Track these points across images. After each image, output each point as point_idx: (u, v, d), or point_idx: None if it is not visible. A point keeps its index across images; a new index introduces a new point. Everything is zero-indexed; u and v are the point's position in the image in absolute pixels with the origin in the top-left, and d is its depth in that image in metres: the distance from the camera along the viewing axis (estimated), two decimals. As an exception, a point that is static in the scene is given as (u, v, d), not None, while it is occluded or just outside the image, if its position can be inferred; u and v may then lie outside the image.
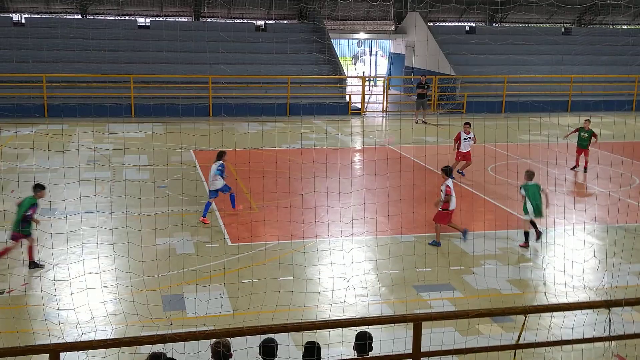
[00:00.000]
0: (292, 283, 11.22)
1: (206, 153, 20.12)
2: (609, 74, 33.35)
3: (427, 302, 10.94)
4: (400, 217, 14.89)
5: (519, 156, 20.74)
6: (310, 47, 32.41)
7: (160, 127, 25.39)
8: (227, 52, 31.18)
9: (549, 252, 13.38)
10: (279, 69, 30.51)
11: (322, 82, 31.25)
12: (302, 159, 20.36)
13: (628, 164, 20.65)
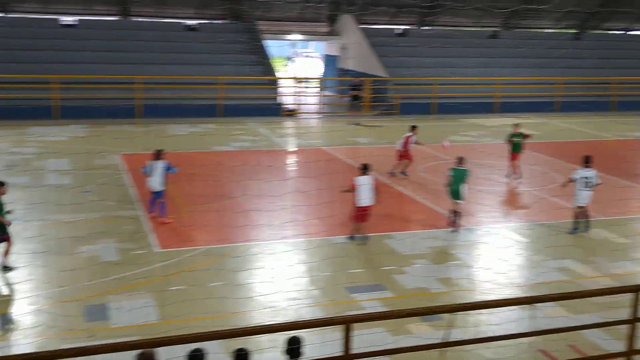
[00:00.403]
0: (222, 289, 11.07)
1: (134, 156, 19.74)
2: (534, 77, 34.37)
3: (358, 304, 10.97)
4: (333, 219, 14.93)
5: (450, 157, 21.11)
6: (243, 48, 32.18)
7: (85, 129, 24.73)
8: (157, 52, 30.63)
9: (476, 250, 13.65)
10: (210, 70, 30.15)
11: (254, 83, 31.06)
12: (234, 161, 20.19)
13: (551, 163, 21.30)
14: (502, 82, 33.04)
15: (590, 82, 34.86)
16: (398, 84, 32.16)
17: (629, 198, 17.35)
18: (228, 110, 28.76)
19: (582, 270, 12.61)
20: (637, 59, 38.32)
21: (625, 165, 20.78)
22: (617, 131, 27.57)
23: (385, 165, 19.09)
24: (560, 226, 15.16)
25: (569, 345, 9.31)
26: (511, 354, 8.92)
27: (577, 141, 25.49)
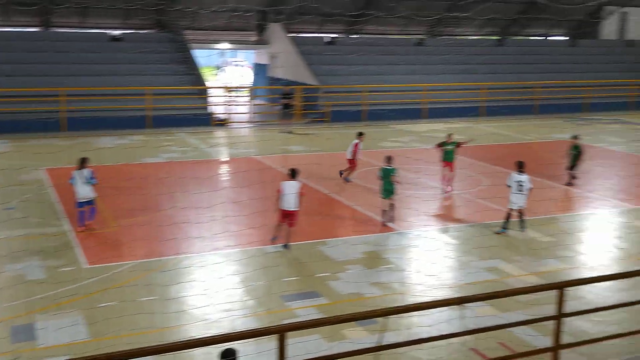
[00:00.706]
0: (153, 304, 10.88)
1: (59, 170, 19.18)
2: (459, 82, 35.27)
3: (293, 312, 10.97)
4: (266, 228, 14.89)
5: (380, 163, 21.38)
6: (170, 58, 31.77)
7: (7, 144, 23.89)
8: (81, 64, 29.90)
9: (407, 254, 13.87)
10: (137, 80, 29.63)
11: (183, 93, 30.71)
12: (163, 172, 19.88)
13: (477, 166, 21.86)
14: (429, 89, 33.76)
15: (512, 87, 36.00)
16: (328, 91, 32.41)
17: (552, 198, 17.99)
18: (157, 121, 28.34)
19: (509, 270, 12.98)
20: (557, 64, 39.84)
21: (547, 167, 21.54)
22: (538, 133, 28.56)
23: (317, 172, 19.19)
24: (488, 227, 15.58)
25: (498, 343, 9.56)
26: (444, 354, 9.10)
27: (501, 144, 26.25)
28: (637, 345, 9.14)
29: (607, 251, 14.28)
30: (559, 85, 37.03)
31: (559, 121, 32.68)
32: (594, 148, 25.41)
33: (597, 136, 28.63)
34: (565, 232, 15.40)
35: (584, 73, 38.82)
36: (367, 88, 32.51)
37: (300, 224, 14.60)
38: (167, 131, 27.35)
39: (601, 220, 16.75)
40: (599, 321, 10.31)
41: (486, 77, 35.88)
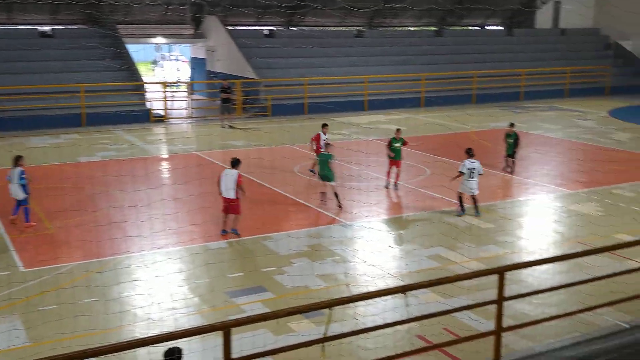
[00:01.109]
0: (94, 305, 10.61)
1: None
2: (398, 74, 35.59)
3: (239, 307, 10.88)
4: (209, 225, 14.73)
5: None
6: (104, 53, 30.99)
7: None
8: (9, 61, 28.87)
9: (352, 245, 13.93)
10: (70, 77, 28.82)
11: (119, 90, 30.04)
12: (101, 171, 19.42)
13: (418, 156, 22.11)
14: (369, 80, 33.97)
15: (451, 77, 36.56)
16: (269, 85, 32.25)
17: (491, 186, 18.35)
18: (92, 119, 27.67)
19: (452, 257, 13.18)
20: (493, 53, 40.63)
21: (485, 155, 21.95)
22: (476, 122, 29.10)
23: (260, 166, 19.06)
24: (430, 216, 15.79)
25: (443, 329, 9.69)
26: (390, 342, 9.17)
27: (441, 134, 26.63)
28: (575, 326, 9.41)
29: (545, 235, 14.66)
30: (495, 74, 37.80)
31: (496, 110, 33.38)
32: (531, 135, 26.05)
33: (534, 123, 29.37)
34: (505, 218, 15.74)
35: (520, 62, 39.75)
36: (308, 81, 32.48)
37: (243, 219, 14.49)
38: (103, 129, 26.74)
39: (539, 205, 17.18)
40: (538, 303, 10.57)
41: (425, 68, 36.32)
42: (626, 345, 7.74)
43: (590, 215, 15.97)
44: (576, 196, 17.78)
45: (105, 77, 29.78)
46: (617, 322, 9.93)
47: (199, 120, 31.16)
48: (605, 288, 9.78)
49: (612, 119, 31.63)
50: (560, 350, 8.25)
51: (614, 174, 19.65)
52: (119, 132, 26.62)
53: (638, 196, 17.70)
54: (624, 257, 12.80)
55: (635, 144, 24.87)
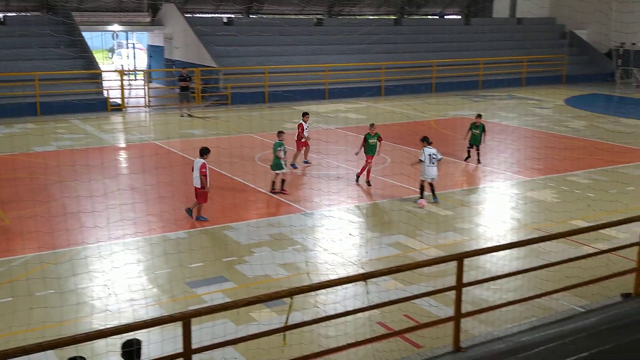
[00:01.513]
0: (51, 297, 10.42)
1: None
2: (359, 62, 35.63)
3: (200, 298, 10.80)
4: (169, 214, 14.58)
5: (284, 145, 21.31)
6: (59, 41, 30.30)
7: None
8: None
9: (314, 234, 13.94)
10: (23, 66, 28.14)
11: (75, 78, 29.43)
12: (57, 161, 19.03)
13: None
14: (330, 69, 33.93)
15: (410, 66, 36.76)
16: (228, 73, 31.97)
17: (451, 173, 18.54)
18: (48, 108, 27.07)
19: (411, 244, 13.29)
20: (452, 42, 40.99)
21: (446, 143, 22.17)
22: (435, 111, 29.34)
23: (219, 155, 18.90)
24: (391, 204, 15.88)
25: (404, 315, 9.78)
26: (351, 329, 9.20)
27: (401, 123, 26.78)
28: (532, 311, 9.58)
29: (503, 222, 14.88)
30: (454, 63, 38.14)
31: (455, 98, 33.70)
32: (489, 123, 26.36)
33: (491, 112, 29.74)
34: (464, 206, 15.93)
35: (478, 51, 40.20)
36: (268, 69, 32.29)
37: (203, 210, 14.39)
38: (58, 118, 26.19)
39: (497, 192, 17.43)
40: (497, 289, 10.73)
41: (384, 57, 36.43)
42: (581, 329, 7.92)
43: (547, 202, 16.27)
44: (533, 183, 18.08)
45: (61, 65, 29.15)
46: (573, 307, 10.15)
47: (157, 109, 30.76)
48: (561, 273, 9.98)
49: (568, 107, 32.23)
50: (518, 334, 8.39)
51: (570, 161, 20.04)
52: (75, 121, 26.12)
53: (593, 183, 18.10)
54: (579, 242, 13.08)
55: (590, 132, 25.39)
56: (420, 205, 15.79)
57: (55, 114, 26.51)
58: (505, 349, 7.81)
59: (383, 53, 36.93)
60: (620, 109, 31.90)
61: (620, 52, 42.81)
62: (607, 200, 14.79)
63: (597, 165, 19.65)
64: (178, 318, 6.57)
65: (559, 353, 6.75)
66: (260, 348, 8.09)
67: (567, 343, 7.05)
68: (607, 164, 19.79)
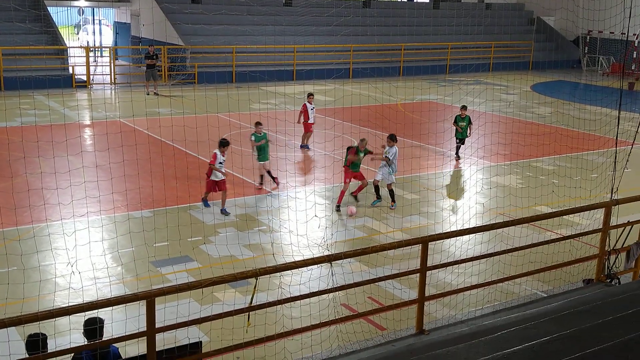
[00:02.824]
0: (13, 274, 10.26)
1: None
2: (327, 44, 35.50)
3: (164, 277, 10.74)
4: (134, 193, 14.41)
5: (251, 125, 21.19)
6: (23, 16, 29.57)
7: None
8: None
9: (280, 215, 13.94)
10: (-13, 39, 27.47)
11: (40, 53, 28.81)
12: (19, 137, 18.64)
13: (345, 127, 22.22)
14: (298, 50, 33.75)
15: (379, 49, 36.76)
16: (195, 52, 31.60)
17: (417, 157, 18.66)
18: (12, 83, 26.50)
19: (377, 227, 13.37)
20: (421, 26, 41.04)
21: (412, 126, 22.29)
22: (403, 95, 29.44)
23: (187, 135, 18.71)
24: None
25: (368, 297, 9.86)
26: (315, 310, 9.25)
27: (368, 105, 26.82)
28: (495, 295, 9.74)
29: (468, 207, 15.05)
30: (422, 47, 38.24)
31: (422, 82, 33.84)
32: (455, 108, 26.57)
33: (458, 96, 29.93)
34: (429, 190, 16.06)
35: (446, 35, 40.34)
36: (236, 49, 31.99)
37: (168, 189, 14.26)
38: (22, 94, 25.63)
39: (462, 177, 17.61)
40: (460, 273, 10.87)
41: (353, 39, 36.36)
42: (542, 313, 8.06)
43: (512, 187, 16.49)
44: (498, 168, 18.31)
45: (26, 40, 28.45)
46: (535, 291, 10.34)
47: (123, 86, 30.30)
48: (524, 258, 10.14)
49: (534, 93, 32.63)
50: (480, 318, 8.53)
51: (535, 147, 20.31)
52: (39, 97, 25.59)
53: (557, 169, 18.39)
54: (543, 228, 13.31)
55: (556, 118, 25.75)
56: (350, 212, 14.28)
57: (19, 90, 25.94)
58: (467, 332, 7.93)
59: (352, 35, 36.85)
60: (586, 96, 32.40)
61: (587, 39, 43.40)
62: (571, 187, 15.05)
63: (562, 152, 19.95)
64: (142, 297, 6.53)
65: (521, 337, 6.87)
66: (224, 328, 8.09)
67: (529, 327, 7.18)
68: (572, 151, 20.11)
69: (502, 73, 38.73)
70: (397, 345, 7.77)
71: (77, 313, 6.20)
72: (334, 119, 22.64)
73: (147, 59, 28.14)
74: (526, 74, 39.15)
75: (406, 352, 7.42)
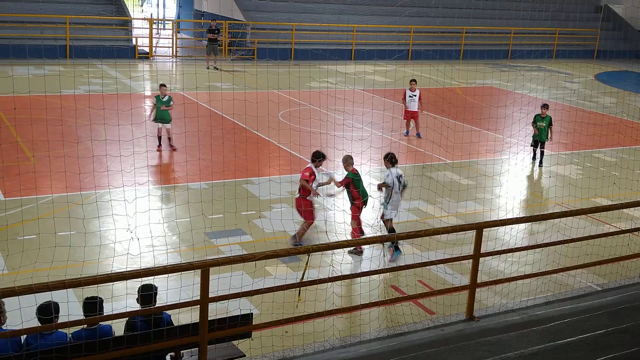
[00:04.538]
0: (73, 237, 10.61)
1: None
2: (387, 24, 35.17)
3: (218, 249, 10.94)
4: (191, 164, 14.67)
5: (309, 103, 21.30)
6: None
7: None
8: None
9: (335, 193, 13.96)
10: (56, 8, 28.15)
11: (105, 24, 29.44)
12: (83, 105, 19.16)
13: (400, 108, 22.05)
14: (358, 30, 33.55)
15: (440, 31, 36.21)
16: (256, 28, 31.75)
17: (474, 142, 18.39)
18: (77, 52, 27.16)
19: (431, 211, 13.29)
20: (486, 9, 40.23)
21: (470, 111, 21.97)
22: (463, 78, 29.00)
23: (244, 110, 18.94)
24: (413, 170, 15.84)
25: (418, 281, 9.84)
26: (365, 290, 9.30)
27: (428, 88, 26.52)
28: (548, 286, 9.59)
29: (525, 195, 14.81)
30: (485, 30, 37.50)
31: (483, 67, 33.24)
32: (515, 94, 26.06)
33: (519, 83, 29.32)
34: (485, 176, 15.84)
35: (510, 20, 39.42)
36: (296, 26, 32.00)
37: (227, 163, 14.43)
38: (87, 62, 26.25)
39: (520, 165, 17.30)
40: (513, 262, 10.73)
41: (415, 20, 35.92)
42: (597, 307, 7.92)
43: (571, 177, 16.13)
44: (557, 158, 17.91)
45: (92, 10, 29.13)
46: (589, 284, 10.15)
47: (184, 59, 30.71)
48: (580, 250, 9.95)
49: (598, 83, 31.69)
50: (532, 308, 8.42)
51: (597, 137, 19.77)
52: (103, 66, 26.18)
53: (619, 161, 17.89)
54: (601, 220, 13.01)
55: (619, 109, 24.99)
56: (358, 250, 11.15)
57: (84, 58, 26.59)
58: (518, 320, 7.85)
59: (413, 16, 36.39)
60: (652, 88, 31.32)
61: (657, 29, 41.87)
62: (633, 180, 14.64)
63: (624, 144, 19.39)
64: (197, 266, 6.67)
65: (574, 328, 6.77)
66: (275, 302, 8.21)
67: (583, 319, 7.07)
68: (635, 143, 19.52)
69: (566, 61, 37.73)
70: (447, 330, 7.75)
71: (134, 278, 6.38)
72: (388, 99, 22.47)
73: (209, 33, 28.42)
74: (591, 63, 38.01)
75: (456, 337, 7.40)
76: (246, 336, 7.09)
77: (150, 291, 6.62)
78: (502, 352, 6.73)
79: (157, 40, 31.87)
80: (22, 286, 5.71)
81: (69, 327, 6.13)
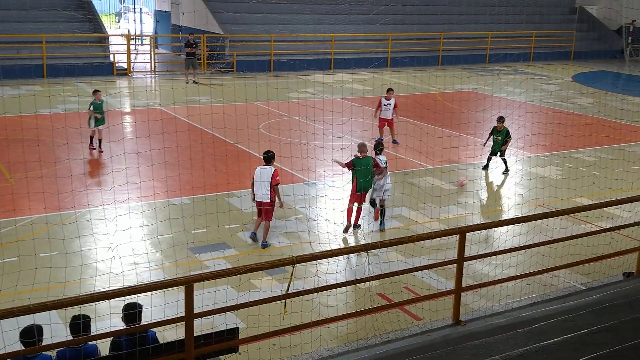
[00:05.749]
0: (55, 258, 10.50)
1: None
2: (365, 33, 35.33)
3: (202, 263, 10.88)
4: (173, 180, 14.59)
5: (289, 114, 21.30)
6: (67, 4, 30.12)
7: None
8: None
9: (316, 203, 13.96)
10: (31, 27, 27.97)
11: (82, 41, 29.30)
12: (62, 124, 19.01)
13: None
14: (336, 39, 33.67)
15: (418, 38, 36.43)
16: (234, 40, 31.77)
17: (455, 147, 18.50)
18: (54, 71, 26.98)
19: (414, 217, 13.32)
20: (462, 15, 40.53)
21: (451, 116, 22.10)
22: (441, 84, 29.18)
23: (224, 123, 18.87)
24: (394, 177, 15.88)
25: (404, 287, 9.84)
26: (351, 299, 9.29)
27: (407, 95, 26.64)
28: (533, 287, 9.63)
29: (506, 197, 14.90)
30: (462, 36, 37.80)
31: (461, 72, 33.47)
32: (494, 98, 26.24)
33: (498, 86, 29.56)
34: (467, 180, 15.91)
35: (487, 24, 39.78)
36: (274, 37, 32.06)
37: (207, 176, 14.40)
38: (65, 81, 26.10)
39: (501, 167, 17.39)
40: (497, 264, 10.77)
41: (392, 28, 36.12)
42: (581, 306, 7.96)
43: (551, 178, 16.25)
44: (537, 159, 18.05)
45: (68, 27, 28.98)
46: (574, 284, 10.21)
47: (163, 74, 30.64)
48: (563, 250, 10.00)
49: (575, 84, 32.03)
50: (518, 310, 8.44)
51: (576, 138, 19.96)
52: (81, 84, 26.03)
53: (598, 160, 18.06)
54: (583, 220, 13.10)
55: (597, 109, 25.26)
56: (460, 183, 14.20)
57: (61, 77, 26.44)
58: (504, 323, 7.87)
59: (391, 24, 36.59)
60: (628, 87, 31.70)
61: (631, 29, 42.36)
62: (612, 179, 14.77)
63: (603, 143, 19.58)
64: (181, 282, 6.62)
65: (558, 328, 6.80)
66: (261, 314, 8.17)
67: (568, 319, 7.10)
68: (614, 142, 19.72)
69: (542, 63, 38.09)
70: (433, 335, 7.74)
71: (117, 297, 6.32)
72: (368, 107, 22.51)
73: (187, 47, 28.39)
74: (567, 64, 38.41)
75: (442, 343, 7.40)
76: (233, 351, 7.04)
77: (134, 309, 6.57)
78: (489, 355, 6.74)
79: (134, 56, 31.75)
80: (4, 310, 5.64)
81: (52, 350, 6.06)
